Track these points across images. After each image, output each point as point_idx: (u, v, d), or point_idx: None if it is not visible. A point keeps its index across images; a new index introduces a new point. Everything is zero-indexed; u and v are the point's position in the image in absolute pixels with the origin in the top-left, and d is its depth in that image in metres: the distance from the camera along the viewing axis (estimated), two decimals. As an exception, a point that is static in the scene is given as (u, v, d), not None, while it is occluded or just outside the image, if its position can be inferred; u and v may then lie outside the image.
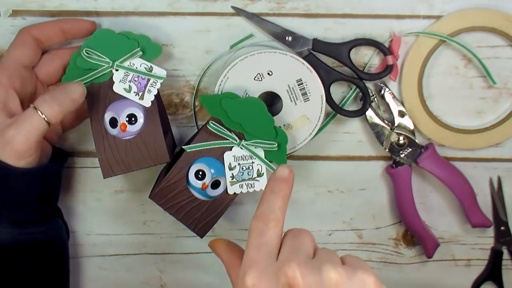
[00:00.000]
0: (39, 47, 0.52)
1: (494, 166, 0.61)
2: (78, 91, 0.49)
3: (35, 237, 0.51)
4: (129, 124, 0.51)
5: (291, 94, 0.54)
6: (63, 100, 0.48)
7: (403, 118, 0.58)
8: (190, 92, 0.58)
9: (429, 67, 0.57)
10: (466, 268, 0.64)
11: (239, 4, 0.55)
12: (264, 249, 0.37)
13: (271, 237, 0.38)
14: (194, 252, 0.63)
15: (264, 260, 0.37)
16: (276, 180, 0.40)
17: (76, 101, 0.49)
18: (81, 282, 0.63)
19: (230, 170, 0.52)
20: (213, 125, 0.51)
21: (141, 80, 0.51)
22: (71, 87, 0.49)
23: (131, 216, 0.61)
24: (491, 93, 0.59)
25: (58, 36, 0.52)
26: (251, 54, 0.53)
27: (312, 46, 0.55)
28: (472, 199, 0.60)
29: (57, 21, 0.53)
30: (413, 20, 0.56)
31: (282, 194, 0.40)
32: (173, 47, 0.56)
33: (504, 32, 0.56)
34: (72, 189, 0.60)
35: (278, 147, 0.51)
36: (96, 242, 0.62)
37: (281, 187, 0.40)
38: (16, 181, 0.49)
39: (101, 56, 0.51)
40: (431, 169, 0.58)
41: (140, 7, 0.55)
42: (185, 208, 0.52)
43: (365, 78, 0.56)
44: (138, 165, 0.51)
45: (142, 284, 0.64)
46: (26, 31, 0.51)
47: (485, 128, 0.59)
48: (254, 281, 0.36)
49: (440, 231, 0.63)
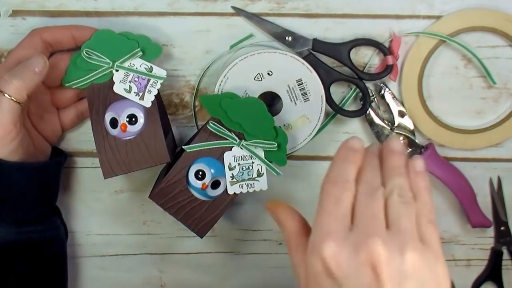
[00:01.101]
0: (47, 50, 0.51)
1: (494, 166, 0.61)
2: (39, 63, 0.48)
3: (32, 236, 0.51)
4: (130, 125, 0.51)
5: (291, 94, 0.54)
6: (24, 74, 0.48)
7: (403, 118, 0.58)
8: (190, 92, 0.58)
9: (429, 67, 0.57)
10: (466, 268, 0.64)
11: (239, 4, 0.55)
12: (341, 218, 0.36)
13: (347, 208, 0.36)
14: (194, 252, 0.63)
15: (342, 230, 0.35)
16: (349, 149, 0.39)
17: (39, 74, 0.48)
18: (81, 282, 0.63)
19: (230, 170, 0.52)
20: (213, 125, 0.51)
21: (141, 81, 0.51)
22: (31, 60, 0.49)
23: (131, 216, 0.61)
24: (491, 93, 0.59)
25: (69, 42, 0.52)
26: (251, 54, 0.53)
27: (312, 46, 0.55)
28: (472, 199, 0.60)
29: (69, 27, 0.52)
30: (413, 20, 0.56)
31: (356, 165, 0.38)
32: (173, 47, 0.56)
33: (504, 32, 0.56)
34: (72, 189, 0.60)
35: (278, 147, 0.51)
36: (96, 242, 0.62)
37: (355, 157, 0.39)
38: (11, 176, 0.49)
39: (101, 57, 0.51)
40: (431, 169, 0.58)
41: (140, 7, 0.55)
42: (185, 208, 0.52)
43: (365, 78, 0.56)
44: (138, 165, 0.51)
45: (142, 284, 0.64)
46: (37, 33, 0.51)
47: (485, 128, 0.59)
48: (334, 251, 0.34)
49: (440, 231, 0.61)
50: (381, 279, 0.33)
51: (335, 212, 0.36)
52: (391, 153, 0.40)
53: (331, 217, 0.36)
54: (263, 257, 0.63)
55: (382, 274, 0.33)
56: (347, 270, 0.34)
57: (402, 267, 0.33)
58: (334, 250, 0.34)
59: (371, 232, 0.34)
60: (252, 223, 0.62)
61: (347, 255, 0.34)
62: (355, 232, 0.35)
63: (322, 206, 0.37)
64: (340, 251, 0.34)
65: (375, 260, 0.33)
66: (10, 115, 0.47)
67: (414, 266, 0.34)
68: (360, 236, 0.35)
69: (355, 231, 0.35)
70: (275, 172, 0.52)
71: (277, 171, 0.52)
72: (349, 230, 0.36)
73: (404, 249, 0.34)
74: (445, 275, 0.35)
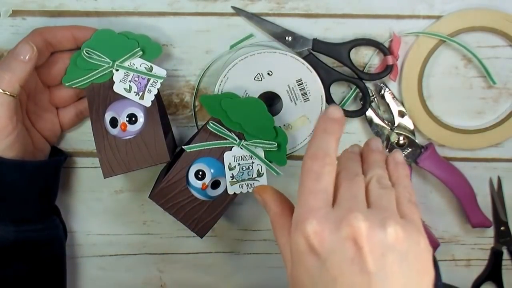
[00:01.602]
0: (47, 49, 0.51)
1: (494, 166, 0.61)
2: (25, 50, 0.48)
3: (31, 235, 0.51)
4: (130, 124, 0.51)
5: (291, 94, 0.54)
6: (12, 65, 0.47)
7: (403, 118, 0.58)
8: (190, 92, 0.58)
9: (429, 67, 0.57)
10: (466, 268, 0.64)
11: (239, 4, 0.55)
12: (322, 195, 0.36)
13: (328, 183, 0.37)
14: (194, 252, 0.63)
15: (324, 207, 0.36)
16: (328, 120, 0.39)
17: (29, 61, 0.48)
18: (81, 282, 0.63)
19: (230, 170, 0.52)
20: (213, 125, 0.51)
21: (141, 80, 0.51)
22: (17, 49, 0.48)
23: (131, 216, 0.61)
24: (491, 93, 0.59)
25: (70, 42, 0.52)
26: (251, 54, 0.53)
27: (312, 46, 0.55)
28: (472, 199, 0.60)
29: (70, 27, 0.52)
30: (413, 20, 0.56)
31: (336, 136, 0.38)
32: (173, 47, 0.56)
33: (504, 32, 0.56)
34: (72, 189, 0.60)
35: (278, 147, 0.51)
36: (96, 242, 0.62)
37: (335, 128, 0.38)
38: (9, 174, 0.49)
39: (101, 56, 0.51)
40: (431, 169, 0.58)
41: (140, 7, 0.55)
42: (185, 208, 0.52)
43: (365, 78, 0.56)
44: (138, 165, 0.51)
45: (142, 284, 0.64)
46: (38, 32, 0.51)
47: (485, 128, 0.59)
48: (316, 228, 0.35)
49: (440, 231, 0.63)
50: (363, 253, 0.33)
51: (316, 189, 0.37)
52: (371, 152, 0.41)
53: (312, 195, 0.36)
54: (263, 257, 0.63)
55: (364, 248, 0.33)
56: (330, 246, 0.34)
57: (384, 240, 0.34)
58: (316, 227, 0.35)
59: (352, 208, 0.35)
60: (252, 223, 0.62)
61: (329, 231, 0.35)
62: (336, 209, 0.36)
63: (303, 183, 0.37)
64: (322, 228, 0.35)
65: (357, 234, 0.34)
66: (5, 109, 0.47)
67: (395, 239, 0.34)
68: (342, 212, 0.35)
69: (337, 209, 0.36)
70: (275, 172, 0.52)
71: (277, 171, 0.52)
72: (331, 206, 0.36)
73: (386, 223, 0.34)
74: (427, 248, 0.36)
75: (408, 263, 0.34)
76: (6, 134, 0.47)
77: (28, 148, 0.51)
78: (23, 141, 0.50)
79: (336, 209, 0.36)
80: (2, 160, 0.48)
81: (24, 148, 0.50)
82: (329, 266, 0.34)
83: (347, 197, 0.36)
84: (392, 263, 0.34)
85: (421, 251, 0.35)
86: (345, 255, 0.34)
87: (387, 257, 0.34)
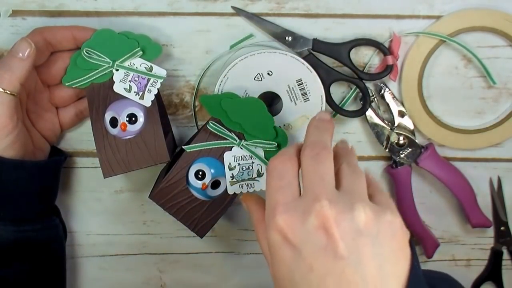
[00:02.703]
0: (48, 49, 0.51)
1: (494, 166, 0.61)
2: (23, 47, 0.48)
3: (30, 235, 0.51)
4: (130, 124, 0.51)
5: (291, 94, 0.54)
6: (11, 63, 0.47)
7: (403, 118, 0.58)
8: (190, 92, 0.58)
9: (429, 67, 0.57)
10: (466, 268, 0.64)
11: (239, 4, 0.55)
12: (287, 190, 0.37)
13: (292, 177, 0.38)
14: (194, 252, 0.63)
15: (290, 199, 0.36)
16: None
17: (27, 59, 0.48)
18: (81, 282, 0.63)
19: (230, 170, 0.52)
20: (213, 125, 0.51)
21: (141, 80, 0.51)
22: (15, 47, 0.48)
23: (131, 216, 0.61)
24: (491, 93, 0.59)
25: (69, 42, 0.52)
26: (251, 54, 0.53)
27: (312, 46, 0.55)
28: (472, 199, 0.60)
29: (71, 27, 0.52)
30: (413, 20, 0.56)
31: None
32: (173, 47, 0.56)
33: (504, 32, 0.56)
34: (72, 189, 0.60)
35: (278, 147, 0.51)
36: (96, 242, 0.62)
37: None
38: (9, 174, 0.49)
39: (101, 56, 0.51)
40: (431, 169, 0.58)
41: (140, 7, 0.55)
42: (185, 208, 0.52)
43: (365, 78, 0.56)
44: (138, 165, 0.51)
45: (142, 284, 0.64)
46: (38, 32, 0.51)
47: (485, 128, 0.59)
48: (287, 220, 0.35)
49: (440, 231, 0.63)
50: (334, 239, 0.34)
51: (280, 185, 0.37)
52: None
53: (278, 191, 0.37)
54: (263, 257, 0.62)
55: (334, 234, 0.34)
56: (301, 236, 0.35)
57: (354, 224, 0.34)
58: (286, 219, 0.35)
59: (318, 195, 0.35)
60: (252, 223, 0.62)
61: (299, 221, 0.35)
62: (303, 197, 0.36)
63: (269, 184, 0.38)
64: (292, 219, 0.35)
65: (326, 222, 0.34)
66: (5, 108, 0.47)
67: (365, 222, 0.34)
68: (308, 201, 0.36)
69: (304, 197, 0.36)
70: (275, 172, 0.52)
71: (277, 171, 0.52)
72: (299, 196, 0.37)
73: (354, 206, 0.35)
74: (400, 227, 0.36)
75: (381, 244, 0.34)
76: (7, 133, 0.47)
77: (28, 147, 0.51)
78: (23, 140, 0.50)
79: (303, 198, 0.36)
80: (2, 159, 0.48)
81: (24, 147, 0.50)
82: (305, 255, 0.35)
83: (313, 181, 0.37)
84: (364, 245, 0.34)
85: (394, 231, 0.35)
86: (318, 243, 0.34)
87: (358, 241, 0.34)
